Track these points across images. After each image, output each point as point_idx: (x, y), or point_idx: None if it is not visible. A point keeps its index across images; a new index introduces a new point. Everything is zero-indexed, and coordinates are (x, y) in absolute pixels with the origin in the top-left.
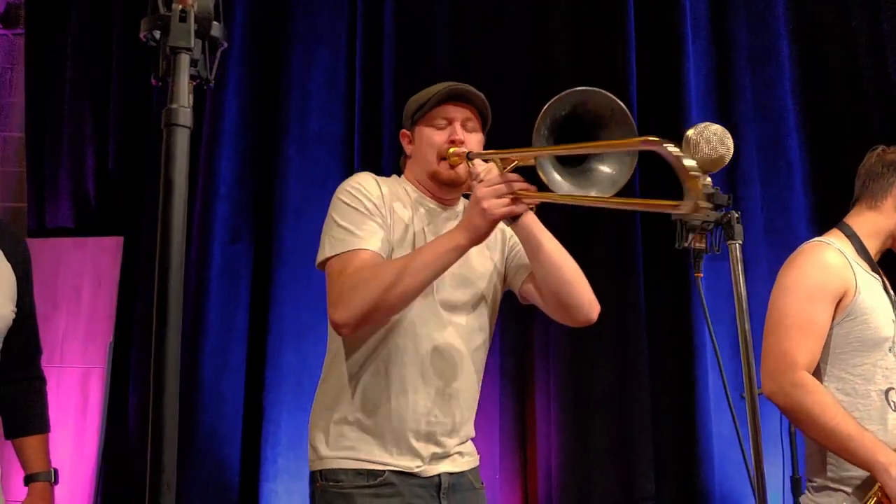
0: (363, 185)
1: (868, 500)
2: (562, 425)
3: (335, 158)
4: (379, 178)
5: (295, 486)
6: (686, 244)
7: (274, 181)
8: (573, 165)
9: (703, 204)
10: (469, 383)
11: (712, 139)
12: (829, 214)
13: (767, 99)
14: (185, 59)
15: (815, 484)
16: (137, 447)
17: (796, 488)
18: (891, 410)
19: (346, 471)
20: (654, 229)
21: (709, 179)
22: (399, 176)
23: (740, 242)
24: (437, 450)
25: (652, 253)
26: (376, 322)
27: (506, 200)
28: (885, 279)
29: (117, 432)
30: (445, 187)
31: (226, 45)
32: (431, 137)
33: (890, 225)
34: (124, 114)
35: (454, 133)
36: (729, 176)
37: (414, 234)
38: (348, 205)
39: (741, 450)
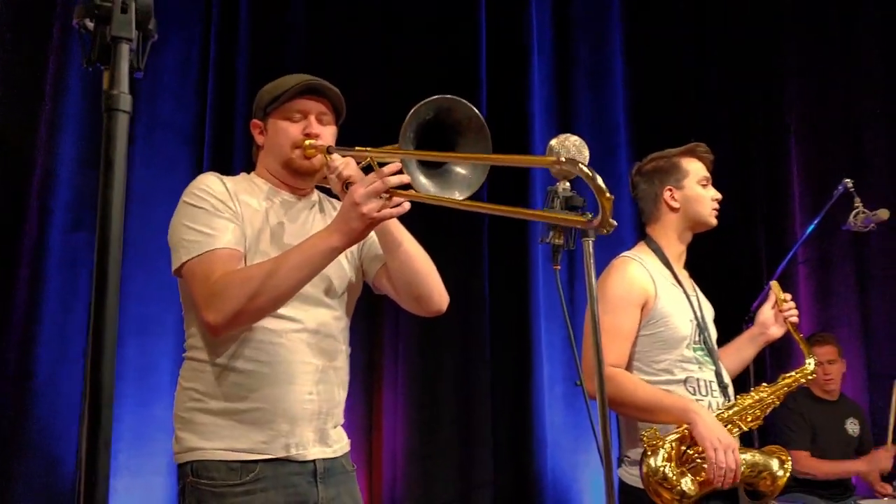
0: (207, 185)
1: (668, 441)
2: (407, 418)
3: (184, 147)
4: (223, 176)
5: (136, 482)
6: (547, 240)
7: None
8: (433, 167)
9: (613, 221)
10: (342, 367)
11: (571, 149)
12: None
13: (602, 114)
14: (125, 48)
15: (629, 458)
16: None
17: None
18: (689, 395)
19: (217, 465)
20: (499, 230)
21: (568, 184)
22: (248, 173)
23: (593, 239)
24: (314, 434)
25: (496, 253)
26: (250, 322)
27: (383, 202)
28: (684, 285)
29: None
30: (299, 177)
31: (156, 37)
32: (287, 130)
33: (676, 226)
34: None
35: (309, 126)
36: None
37: (272, 228)
38: (195, 206)
39: (592, 429)
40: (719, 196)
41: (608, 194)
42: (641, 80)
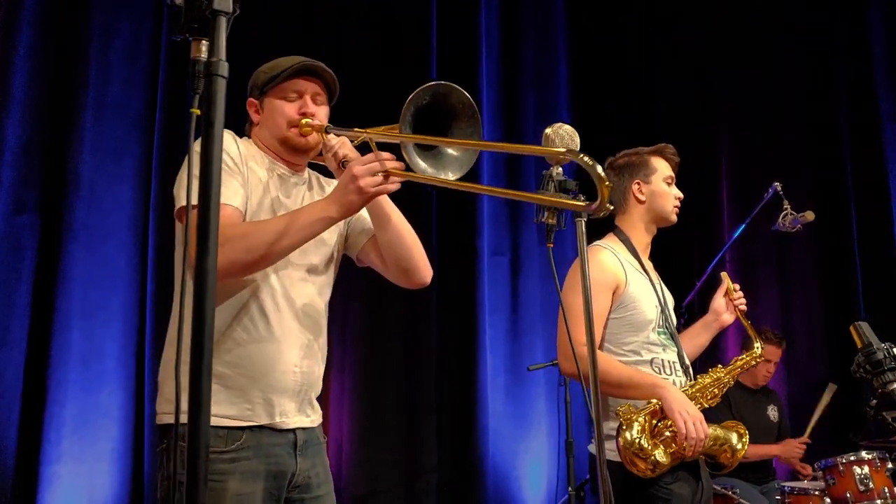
0: (224, 143)
1: (643, 412)
2: (353, 405)
3: (134, 132)
4: (236, 136)
5: (79, 468)
6: (541, 219)
7: (66, 151)
8: (427, 148)
9: (609, 206)
10: (324, 338)
11: (565, 137)
12: (592, 222)
13: (546, 114)
14: (223, 21)
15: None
16: None
17: (569, 450)
18: (656, 374)
19: None
20: (447, 226)
21: (560, 169)
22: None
23: (585, 219)
24: (296, 404)
25: (444, 247)
26: (238, 276)
27: (379, 179)
28: (650, 274)
29: None
30: (295, 153)
31: (238, 11)
32: (283, 108)
33: (642, 217)
34: None
35: (305, 106)
36: (511, 182)
37: (271, 200)
38: None
39: (587, 405)
40: (681, 195)
41: (607, 182)
42: (583, 84)
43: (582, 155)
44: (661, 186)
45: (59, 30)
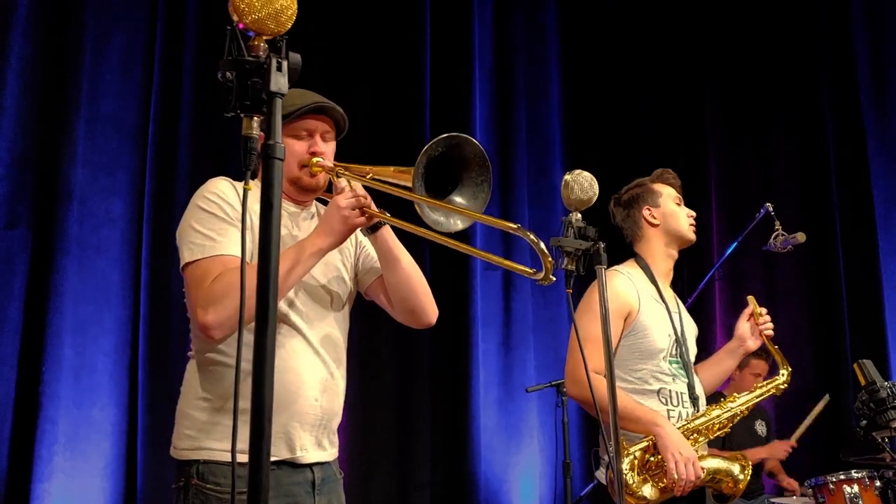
0: (221, 191)
1: (632, 451)
2: (346, 419)
3: (127, 145)
4: (235, 182)
5: (71, 484)
6: (561, 266)
7: (59, 164)
8: (437, 197)
9: (552, 277)
10: (343, 376)
11: (584, 184)
12: (613, 249)
13: (538, 131)
14: (279, 102)
15: (605, 461)
16: None
17: (566, 471)
18: (662, 405)
19: (224, 470)
20: (439, 248)
21: (580, 215)
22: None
23: (605, 266)
24: (314, 437)
25: (437, 264)
26: (244, 324)
27: (359, 212)
28: (668, 302)
29: None
30: (303, 192)
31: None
32: (293, 147)
33: (661, 244)
34: None
35: (315, 145)
36: (502, 198)
37: (284, 243)
38: (207, 211)
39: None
40: (693, 213)
41: (549, 258)
42: (576, 100)
43: (529, 233)
44: (671, 207)
45: (51, 42)
